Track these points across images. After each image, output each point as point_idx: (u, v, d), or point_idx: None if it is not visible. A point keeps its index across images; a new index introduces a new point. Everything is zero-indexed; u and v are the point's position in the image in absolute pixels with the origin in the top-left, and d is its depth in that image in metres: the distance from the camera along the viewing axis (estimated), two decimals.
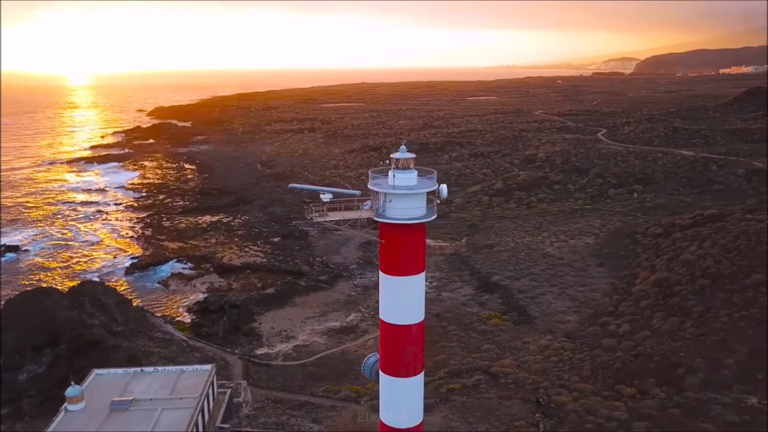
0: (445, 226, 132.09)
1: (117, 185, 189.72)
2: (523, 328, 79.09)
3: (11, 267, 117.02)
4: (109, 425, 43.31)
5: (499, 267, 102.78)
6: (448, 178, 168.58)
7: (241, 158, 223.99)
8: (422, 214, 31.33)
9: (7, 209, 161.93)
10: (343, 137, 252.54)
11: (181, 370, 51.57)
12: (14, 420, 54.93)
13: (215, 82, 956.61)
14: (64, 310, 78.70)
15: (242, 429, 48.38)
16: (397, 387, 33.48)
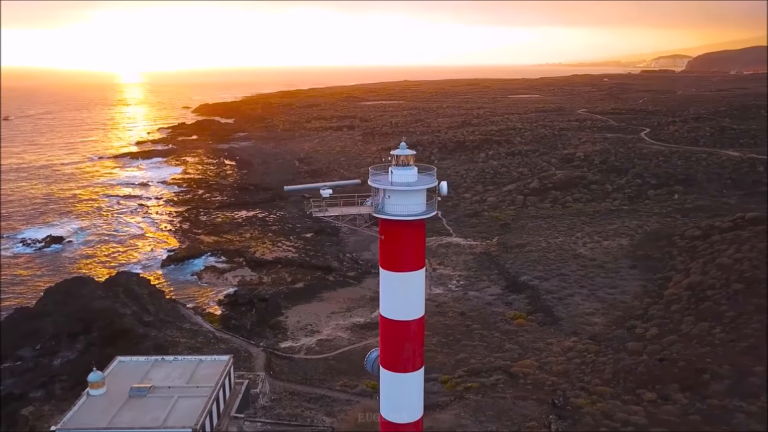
0: (477, 225, 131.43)
1: (159, 180, 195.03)
2: (547, 329, 78.06)
3: (55, 257, 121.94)
4: (126, 410, 44.94)
5: (528, 267, 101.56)
6: (483, 176, 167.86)
7: (279, 155, 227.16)
8: (421, 211, 31.37)
9: (56, 202, 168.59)
10: (381, 135, 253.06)
11: (199, 360, 53.05)
12: (43, 402, 57.30)
13: (260, 80, 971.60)
14: (98, 299, 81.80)
15: (256, 419, 49.35)
16: (396, 382, 33.76)
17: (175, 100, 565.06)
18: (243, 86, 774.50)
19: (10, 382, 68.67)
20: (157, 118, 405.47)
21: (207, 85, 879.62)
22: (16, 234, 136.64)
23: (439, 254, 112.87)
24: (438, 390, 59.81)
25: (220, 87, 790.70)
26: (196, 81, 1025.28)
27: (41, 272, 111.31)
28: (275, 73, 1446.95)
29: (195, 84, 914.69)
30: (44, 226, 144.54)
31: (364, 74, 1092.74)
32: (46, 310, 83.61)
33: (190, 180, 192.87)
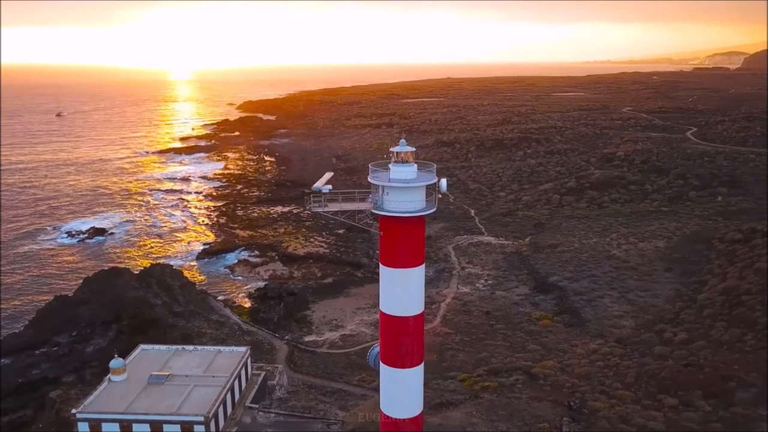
0: (510, 224, 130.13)
1: (200, 175, 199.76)
2: (573, 331, 76.81)
3: (98, 248, 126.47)
4: (144, 397, 46.49)
5: (559, 267, 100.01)
6: (519, 175, 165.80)
7: (318, 152, 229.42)
8: (419, 208, 31.43)
9: (102, 195, 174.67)
10: (419, 132, 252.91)
11: (218, 351, 54.41)
12: (72, 386, 59.61)
13: (305, 77, 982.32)
14: (132, 289, 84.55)
15: (270, 410, 50.29)
16: (396, 377, 33.96)
17: (221, 97, 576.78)
18: (288, 83, 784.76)
19: (46, 366, 71.96)
20: (202, 115, 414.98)
21: (253, 82, 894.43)
22: (62, 225, 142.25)
23: (469, 253, 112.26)
24: (454, 388, 59.73)
25: (265, 84, 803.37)
26: (243, 78, 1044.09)
27: (83, 262, 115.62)
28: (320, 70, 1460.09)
29: (242, 81, 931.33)
30: (90, 218, 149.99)
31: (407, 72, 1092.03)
32: (84, 298, 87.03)
33: (229, 175, 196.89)
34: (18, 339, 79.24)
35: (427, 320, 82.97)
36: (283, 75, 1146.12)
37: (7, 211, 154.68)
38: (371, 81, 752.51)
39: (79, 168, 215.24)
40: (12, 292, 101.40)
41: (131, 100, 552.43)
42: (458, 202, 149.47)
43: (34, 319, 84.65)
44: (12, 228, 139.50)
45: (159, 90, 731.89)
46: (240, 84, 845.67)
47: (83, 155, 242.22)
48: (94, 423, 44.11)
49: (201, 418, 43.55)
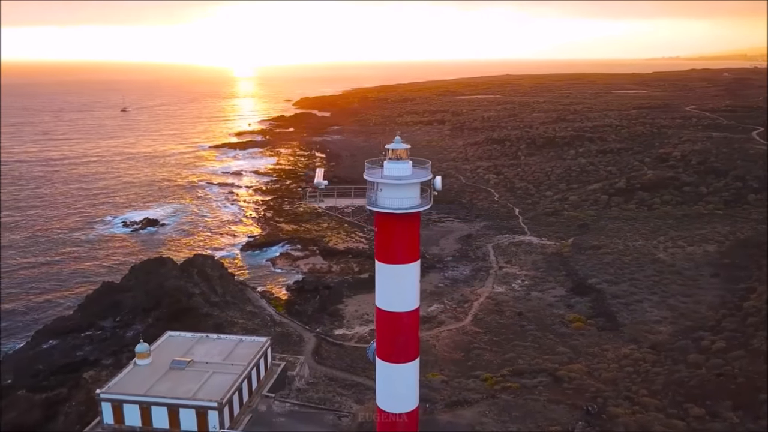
0: (554, 224, 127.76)
1: (252, 170, 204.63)
2: (606, 335, 74.94)
3: (148, 238, 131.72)
4: (164, 381, 48.45)
5: (599, 270, 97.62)
6: (569, 174, 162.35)
7: (368, 148, 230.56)
8: (413, 204, 31.55)
9: (157, 187, 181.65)
10: (470, 129, 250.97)
11: (239, 340, 56.02)
12: (105, 368, 62.61)
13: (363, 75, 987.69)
14: (173, 278, 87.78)
15: (286, 400, 51.45)
16: (391, 372, 34.26)
17: (280, 94, 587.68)
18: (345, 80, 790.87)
19: (88, 348, 75.76)
20: (260, 111, 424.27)
21: (312, 79, 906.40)
22: (118, 216, 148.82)
23: (508, 252, 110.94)
24: (474, 387, 59.45)
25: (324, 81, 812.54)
26: (303, 75, 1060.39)
27: (133, 251, 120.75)
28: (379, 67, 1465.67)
29: (302, 78, 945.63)
30: (144, 209, 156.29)
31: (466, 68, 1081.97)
32: (129, 285, 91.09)
33: (280, 170, 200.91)
34: (66, 322, 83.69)
35: (457, 319, 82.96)
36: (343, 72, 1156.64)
37: (69, 200, 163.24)
38: (429, 78, 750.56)
39: (139, 161, 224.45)
40: (66, 278, 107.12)
41: (193, 96, 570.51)
42: (503, 201, 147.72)
43: (83, 304, 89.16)
44: (72, 217, 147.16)
45: (221, 87, 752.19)
46: (300, 81, 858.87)
47: (143, 149, 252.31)
48: (116, 403, 46.34)
49: (215, 403, 45.04)
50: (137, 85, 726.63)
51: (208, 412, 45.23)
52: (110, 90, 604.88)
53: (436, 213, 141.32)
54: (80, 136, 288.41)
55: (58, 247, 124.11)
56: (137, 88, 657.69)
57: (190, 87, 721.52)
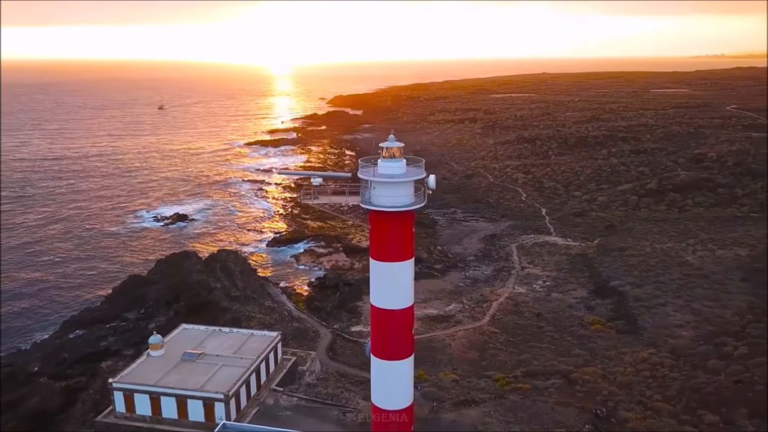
0: (581, 225, 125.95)
1: (282, 167, 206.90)
2: (625, 338, 73.60)
3: (177, 233, 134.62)
4: (175, 372, 49.67)
5: (623, 272, 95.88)
6: (599, 174, 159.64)
7: None
8: (405, 203, 31.73)
9: (189, 183, 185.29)
10: (502, 128, 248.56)
11: (251, 334, 57.00)
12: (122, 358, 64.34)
13: (398, 73, 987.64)
14: (196, 272, 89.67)
15: (294, 394, 52.12)
16: (385, 369, 34.53)
17: (314, 92, 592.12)
18: (380, 78, 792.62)
19: (112, 339, 77.94)
20: (293, 109, 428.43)
21: (348, 77, 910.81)
22: (150, 210, 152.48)
23: (532, 253, 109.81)
24: (484, 387, 59.18)
25: (358, 79, 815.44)
26: (338, 73, 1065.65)
27: (161, 245, 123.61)
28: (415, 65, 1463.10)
29: (337, 76, 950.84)
30: (176, 204, 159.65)
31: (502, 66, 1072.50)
32: (154, 279, 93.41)
33: (310, 168, 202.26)
34: (93, 313, 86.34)
35: (475, 318, 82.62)
36: (378, 70, 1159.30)
37: (105, 195, 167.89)
38: (463, 76, 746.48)
39: (173, 157, 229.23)
40: (97, 270, 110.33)
41: (229, 94, 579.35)
42: (530, 201, 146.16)
43: (110, 296, 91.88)
44: (106, 211, 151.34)
45: (257, 85, 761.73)
46: (335, 79, 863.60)
47: (178, 146, 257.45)
48: (127, 393, 47.70)
49: (221, 395, 45.98)
50: (175, 83, 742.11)
51: (215, 404, 46.19)
52: (149, 88, 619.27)
53: (462, 212, 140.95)
54: (119, 133, 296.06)
55: (91, 241, 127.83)
56: (175, 86, 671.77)
57: (226, 85, 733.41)
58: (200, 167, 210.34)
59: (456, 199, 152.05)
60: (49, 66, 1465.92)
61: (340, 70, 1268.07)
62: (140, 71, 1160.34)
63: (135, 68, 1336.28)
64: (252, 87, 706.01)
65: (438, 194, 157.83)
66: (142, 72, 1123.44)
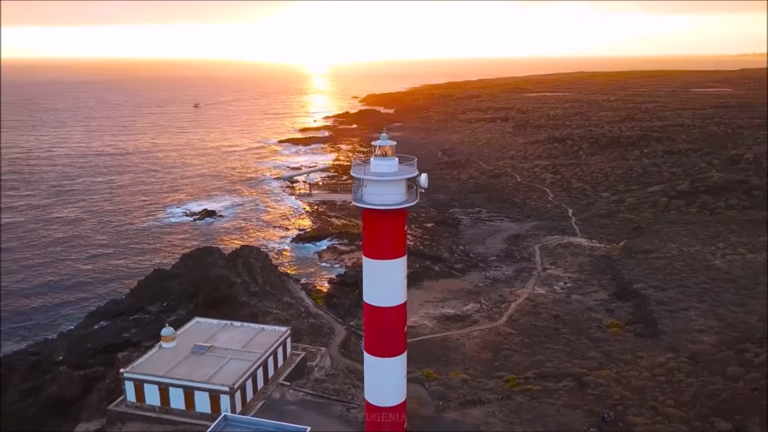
0: (608, 226, 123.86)
1: (311, 165, 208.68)
2: (643, 342, 72.24)
3: (205, 228, 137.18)
4: (184, 364, 50.88)
5: (647, 275, 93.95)
6: (629, 175, 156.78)
7: (425, 145, 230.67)
8: (397, 201, 31.91)
9: (220, 179, 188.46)
10: (533, 127, 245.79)
11: (261, 328, 57.94)
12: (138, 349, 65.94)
13: (433, 71, 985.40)
14: (217, 267, 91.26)
15: (300, 389, 52.78)
16: (378, 366, 34.79)
17: (348, 91, 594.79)
18: (414, 77, 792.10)
19: (134, 331, 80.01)
20: (326, 107, 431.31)
21: (382, 75, 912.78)
22: (180, 206, 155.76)
23: (555, 254, 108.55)
24: (492, 387, 58.89)
25: (394, 78, 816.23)
26: (374, 72, 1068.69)
27: (188, 240, 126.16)
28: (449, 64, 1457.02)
29: (372, 75, 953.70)
30: (205, 200, 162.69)
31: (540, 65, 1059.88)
32: (177, 273, 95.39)
33: (337, 166, 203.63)
34: (117, 305, 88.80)
35: (492, 319, 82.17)
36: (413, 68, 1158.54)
37: (137, 190, 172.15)
38: (499, 74, 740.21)
39: (205, 154, 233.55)
40: (124, 263, 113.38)
41: (264, 92, 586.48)
42: (557, 201, 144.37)
43: (135, 289, 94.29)
44: (138, 206, 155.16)
45: (292, 83, 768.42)
46: (370, 77, 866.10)
47: (211, 143, 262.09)
48: (138, 383, 49.06)
49: (226, 388, 46.90)
50: (212, 81, 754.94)
51: (221, 396, 47.14)
52: (186, 86, 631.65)
53: (487, 212, 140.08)
54: (155, 130, 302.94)
55: (123, 235, 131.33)
56: (211, 85, 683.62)
57: (262, 83, 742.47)
58: (231, 164, 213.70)
59: (482, 198, 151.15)
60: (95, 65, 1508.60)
61: (376, 68, 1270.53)
62: (179, 70, 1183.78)
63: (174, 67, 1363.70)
64: (287, 85, 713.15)
65: (464, 193, 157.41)
66: (180, 71, 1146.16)
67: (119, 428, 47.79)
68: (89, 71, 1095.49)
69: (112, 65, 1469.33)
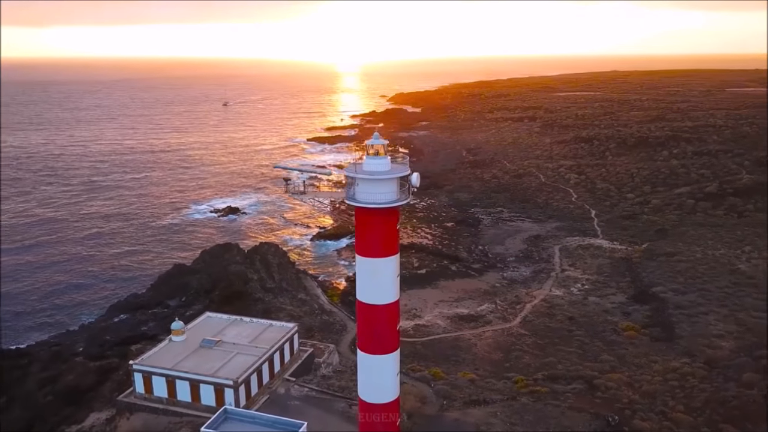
0: (630, 228, 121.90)
1: (335, 164, 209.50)
2: (659, 346, 71.06)
3: (227, 225, 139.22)
4: (192, 358, 51.86)
5: (667, 278, 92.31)
6: (655, 176, 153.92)
7: (451, 144, 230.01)
8: (388, 200, 32.06)
9: (245, 177, 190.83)
10: (561, 127, 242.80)
11: (269, 324, 58.64)
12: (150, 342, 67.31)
13: (464, 70, 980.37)
14: (235, 264, 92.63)
15: (305, 384, 53.33)
16: (370, 363, 35.01)
17: (377, 90, 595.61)
18: (445, 76, 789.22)
19: (152, 324, 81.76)
20: (354, 106, 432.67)
21: (413, 74, 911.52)
22: (204, 202, 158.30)
23: (574, 255, 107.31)
24: (498, 388, 58.64)
25: (424, 76, 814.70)
26: (405, 71, 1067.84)
27: (210, 236, 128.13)
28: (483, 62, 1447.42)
29: (402, 74, 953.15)
30: (230, 197, 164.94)
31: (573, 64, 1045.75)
32: (197, 268, 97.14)
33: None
34: (138, 299, 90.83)
35: (506, 320, 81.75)
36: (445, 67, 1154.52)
37: (164, 186, 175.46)
38: (529, 73, 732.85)
39: (233, 151, 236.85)
40: (147, 258, 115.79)
41: (294, 91, 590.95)
42: (580, 202, 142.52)
43: (155, 283, 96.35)
44: (164, 202, 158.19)
45: (323, 82, 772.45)
46: (400, 76, 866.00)
47: (238, 141, 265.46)
48: (146, 375, 50.19)
49: (230, 381, 47.69)
50: (243, 80, 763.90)
51: (225, 389, 47.95)
52: (217, 85, 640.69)
53: (508, 212, 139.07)
54: (185, 128, 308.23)
55: (147, 230, 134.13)
56: (242, 83, 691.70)
57: (292, 82, 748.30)
58: (257, 162, 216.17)
59: (504, 198, 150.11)
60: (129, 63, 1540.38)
61: (408, 67, 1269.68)
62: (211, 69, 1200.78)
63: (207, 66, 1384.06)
64: (317, 84, 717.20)
65: (486, 193, 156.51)
66: (213, 69, 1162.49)
67: (127, 418, 49.01)
68: (124, 70, 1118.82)
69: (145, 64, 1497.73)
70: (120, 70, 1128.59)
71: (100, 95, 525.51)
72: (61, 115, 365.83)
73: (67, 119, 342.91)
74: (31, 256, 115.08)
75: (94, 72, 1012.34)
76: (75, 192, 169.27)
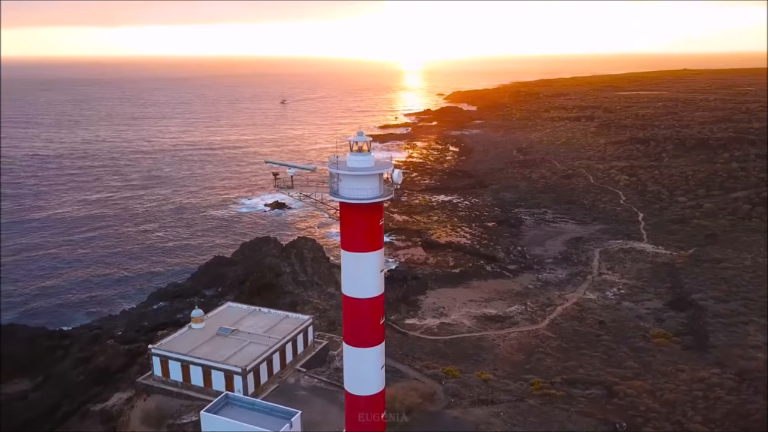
0: (678, 233, 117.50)
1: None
2: (689, 355, 68.48)
3: (273, 219, 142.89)
4: (207, 345, 54.01)
5: (710, 285, 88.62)
6: (711, 179, 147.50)
7: (502, 143, 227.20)
8: (371, 195, 32.66)
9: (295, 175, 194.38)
10: (618, 127, 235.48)
11: (285, 315, 60.19)
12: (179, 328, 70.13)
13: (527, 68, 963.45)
14: (270, 257, 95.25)
15: (316, 376, 54.53)
16: (354, 356, 35.73)
17: (436, 88, 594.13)
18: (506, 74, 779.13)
19: (187, 312, 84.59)
20: (411, 104, 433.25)
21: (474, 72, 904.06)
22: (253, 197, 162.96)
23: (614, 259, 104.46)
24: (511, 389, 58.12)
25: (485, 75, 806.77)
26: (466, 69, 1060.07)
27: (254, 230, 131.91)
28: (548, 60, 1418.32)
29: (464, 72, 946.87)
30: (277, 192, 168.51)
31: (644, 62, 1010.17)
32: (235, 260, 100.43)
33: (409, 163, 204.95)
34: (177, 287, 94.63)
35: (533, 322, 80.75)
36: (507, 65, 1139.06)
37: (216, 180, 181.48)
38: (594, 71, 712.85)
39: (284, 148, 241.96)
40: (192, 248, 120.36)
41: (353, 89, 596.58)
42: (628, 204, 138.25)
43: (195, 273, 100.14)
44: (214, 196, 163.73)
45: (382, 80, 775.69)
46: (461, 74, 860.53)
47: (291, 137, 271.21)
48: (163, 359, 52.62)
49: (239, 369, 49.42)
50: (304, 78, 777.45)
51: (234, 376, 49.73)
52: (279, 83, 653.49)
53: (552, 213, 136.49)
54: (244, 124, 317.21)
55: (196, 223, 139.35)
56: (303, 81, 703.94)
57: (352, 80, 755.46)
58: (309, 159, 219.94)
59: (549, 199, 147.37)
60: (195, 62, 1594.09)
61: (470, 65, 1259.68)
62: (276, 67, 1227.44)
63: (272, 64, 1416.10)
64: (377, 82, 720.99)
65: (532, 193, 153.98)
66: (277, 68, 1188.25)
67: (144, 399, 51.56)
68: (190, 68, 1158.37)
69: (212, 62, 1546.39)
70: (186, 68, 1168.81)
71: (168, 93, 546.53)
72: (129, 110, 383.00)
73: (134, 115, 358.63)
74: (89, 249, 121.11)
75: (162, 71, 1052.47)
76: (132, 184, 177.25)
